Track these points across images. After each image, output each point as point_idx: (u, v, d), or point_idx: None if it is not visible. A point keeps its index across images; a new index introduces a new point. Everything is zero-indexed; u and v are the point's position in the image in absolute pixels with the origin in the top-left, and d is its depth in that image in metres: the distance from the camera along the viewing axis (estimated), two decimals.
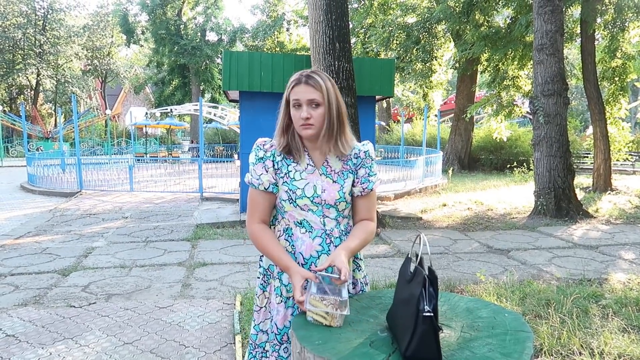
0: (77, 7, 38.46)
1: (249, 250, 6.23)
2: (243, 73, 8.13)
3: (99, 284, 4.77)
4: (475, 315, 1.62)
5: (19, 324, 3.65)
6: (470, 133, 18.99)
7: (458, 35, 16.27)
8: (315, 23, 7.43)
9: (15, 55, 35.92)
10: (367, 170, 1.82)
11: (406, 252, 6.09)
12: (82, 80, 39.81)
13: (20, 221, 8.29)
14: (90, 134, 35.00)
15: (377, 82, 8.62)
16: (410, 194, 11.75)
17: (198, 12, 32.13)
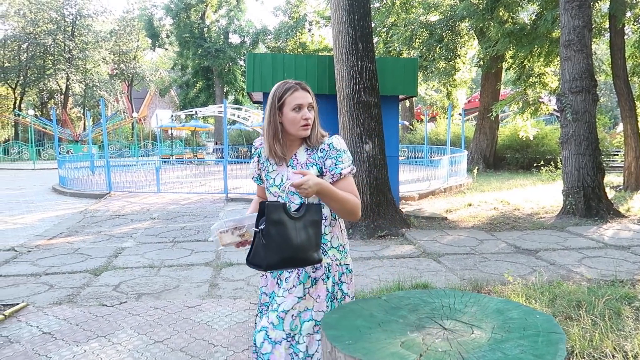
0: (104, 12, 39.31)
1: None
2: (266, 75, 8.21)
3: (129, 283, 4.89)
4: (505, 317, 1.61)
5: (54, 322, 3.77)
6: (495, 131, 18.71)
7: (482, 32, 16.07)
8: (337, 23, 7.45)
9: (46, 61, 36.96)
10: (334, 160, 2.01)
11: (432, 252, 6.06)
12: (109, 84, 40.71)
13: (53, 222, 8.53)
14: (117, 137, 35.75)
15: (400, 82, 8.59)
16: (435, 194, 11.66)
17: (221, 15, 32.52)
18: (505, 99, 15.36)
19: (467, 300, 1.75)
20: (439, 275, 5.09)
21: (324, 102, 8.50)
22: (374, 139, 7.38)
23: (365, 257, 5.94)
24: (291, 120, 1.99)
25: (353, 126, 7.34)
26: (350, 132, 7.38)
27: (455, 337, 1.44)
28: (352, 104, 7.35)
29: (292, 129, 2.00)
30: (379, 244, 6.68)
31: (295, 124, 1.99)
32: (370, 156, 7.33)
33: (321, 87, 8.34)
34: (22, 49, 36.84)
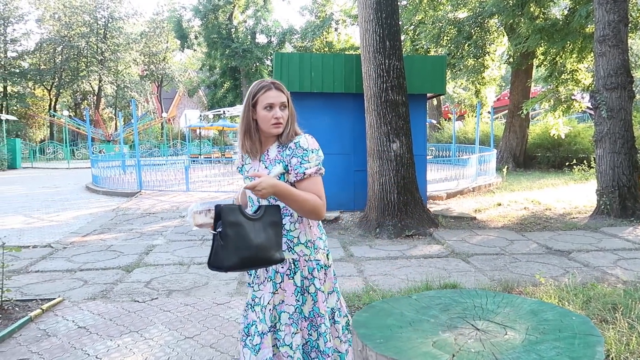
0: (134, 15, 40.21)
1: None
2: (293, 74, 8.24)
3: (160, 280, 4.98)
4: (540, 318, 1.58)
5: (89, 317, 3.88)
6: (525, 130, 18.31)
7: (512, 28, 15.74)
8: (365, 22, 7.42)
9: (80, 63, 38.01)
10: (299, 159, 2.05)
11: (461, 252, 5.98)
12: (139, 85, 41.59)
13: (87, 220, 8.77)
14: (147, 137, 36.47)
15: (428, 80, 8.51)
16: (463, 193, 11.49)
17: (248, 15, 32.79)
18: (536, 96, 15.01)
19: (500, 301, 1.72)
20: (468, 275, 5.02)
21: (351, 100, 8.52)
22: (401, 137, 7.33)
23: (392, 256, 5.91)
24: (263, 118, 2.07)
25: (380, 125, 7.30)
26: (377, 131, 7.35)
27: (488, 338, 1.42)
28: (379, 102, 7.31)
29: (264, 126, 2.09)
30: (406, 243, 6.64)
31: (266, 121, 2.07)
32: (398, 155, 7.28)
33: (348, 86, 8.33)
34: (57, 51, 37.99)
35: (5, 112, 34.06)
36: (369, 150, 7.57)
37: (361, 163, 8.46)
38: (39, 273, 5.34)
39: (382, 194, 7.32)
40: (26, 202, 11.44)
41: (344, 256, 5.94)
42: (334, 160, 8.58)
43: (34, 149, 30.37)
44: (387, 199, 7.28)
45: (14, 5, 35.63)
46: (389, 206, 7.27)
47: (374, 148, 7.43)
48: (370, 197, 7.61)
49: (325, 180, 7.23)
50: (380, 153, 7.33)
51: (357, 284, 4.76)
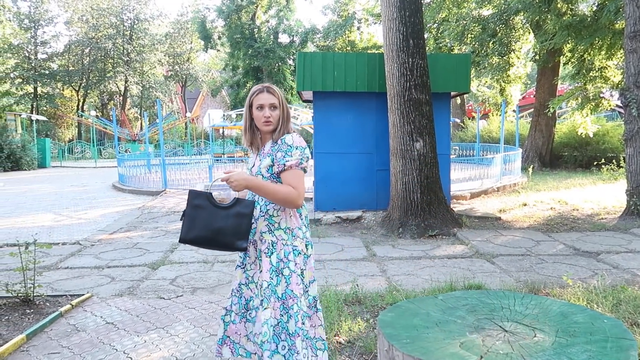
0: (159, 16, 40.80)
1: (324, 248, 6.32)
2: (316, 73, 8.25)
3: (184, 277, 5.06)
4: (570, 320, 1.55)
5: (116, 313, 3.96)
6: (552, 128, 17.94)
7: (538, 25, 15.45)
8: (388, 20, 7.38)
9: (106, 64, 38.79)
10: (283, 153, 2.35)
11: (486, 252, 5.91)
12: (164, 85, 42.21)
13: (114, 218, 8.95)
14: (172, 136, 37.01)
15: (452, 78, 8.41)
16: (487, 193, 11.34)
17: (271, 15, 32.97)
18: (563, 94, 14.72)
19: (528, 303, 1.69)
20: (493, 276, 4.96)
21: (374, 99, 8.49)
22: (424, 136, 7.27)
23: (415, 256, 5.87)
24: (256, 117, 2.41)
25: (403, 124, 7.26)
26: (400, 130, 7.30)
27: (517, 340, 1.39)
28: (402, 101, 7.27)
29: (258, 124, 2.42)
30: (429, 243, 6.58)
31: (258, 120, 2.40)
32: (421, 154, 7.23)
33: (371, 85, 8.30)
34: (85, 53, 38.86)
35: (36, 113, 35.01)
36: (392, 150, 7.53)
37: (384, 162, 8.42)
38: (68, 269, 5.48)
39: (405, 193, 7.27)
40: (56, 200, 11.74)
41: (366, 256, 5.92)
42: (356, 160, 8.57)
43: (63, 149, 31.13)
44: (410, 198, 7.23)
45: (44, 8, 36.57)
46: (412, 206, 7.22)
47: (397, 147, 7.39)
48: (393, 197, 7.57)
49: (348, 179, 7.26)
50: (403, 152, 7.28)
51: (380, 284, 4.74)
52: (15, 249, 4.15)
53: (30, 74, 35.74)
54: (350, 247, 6.40)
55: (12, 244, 6.72)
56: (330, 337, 3.36)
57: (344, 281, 4.83)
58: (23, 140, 23.64)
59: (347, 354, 3.15)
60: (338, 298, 4.10)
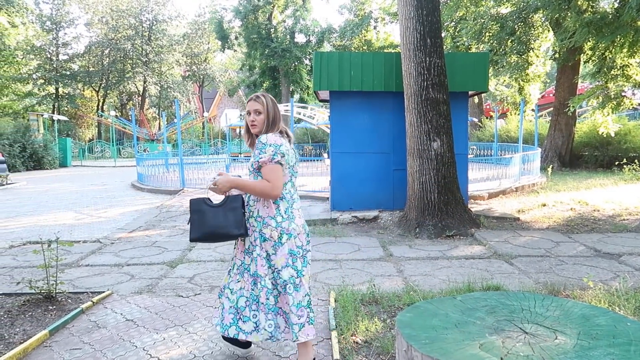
0: (177, 17, 41.21)
1: (340, 247, 6.32)
2: (333, 73, 8.25)
3: (202, 276, 5.11)
4: (592, 323, 1.53)
5: (136, 310, 4.01)
6: (571, 128, 17.66)
7: (557, 23, 15.20)
8: (405, 19, 7.35)
9: (125, 65, 39.33)
10: (258, 150, 2.78)
11: (504, 253, 5.85)
12: (182, 85, 42.64)
13: (132, 216, 9.07)
14: (189, 136, 37.36)
15: (470, 77, 8.33)
16: (506, 193, 11.20)
17: (287, 15, 33.04)
18: (583, 93, 14.45)
19: (549, 304, 1.67)
20: (512, 277, 4.90)
21: (391, 99, 8.46)
22: (442, 136, 7.22)
23: (432, 256, 5.84)
24: (247, 121, 2.92)
25: (420, 123, 7.22)
26: (417, 130, 7.27)
27: (538, 342, 1.38)
28: (419, 100, 7.23)
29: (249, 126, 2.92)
30: (447, 243, 6.54)
31: (248, 123, 2.91)
32: (438, 154, 7.18)
33: (388, 85, 8.27)
34: (105, 54, 39.47)
35: (57, 113, 35.67)
36: (409, 149, 7.50)
37: (400, 162, 8.39)
38: (89, 267, 5.57)
39: (422, 193, 7.24)
40: (76, 199, 11.95)
41: (383, 255, 5.91)
42: (372, 159, 8.55)
43: (83, 148, 31.67)
44: (427, 198, 7.19)
45: (65, 10, 37.23)
46: (429, 206, 7.18)
47: (414, 147, 7.35)
48: (410, 197, 7.54)
49: (364, 179, 7.27)
50: (420, 152, 7.25)
51: (396, 284, 4.73)
52: (38, 247, 4.24)
53: (51, 74, 36.44)
54: (367, 247, 6.39)
55: (35, 241, 6.87)
56: (347, 337, 3.36)
57: (361, 281, 4.83)
58: (45, 139, 24.11)
59: (364, 354, 3.15)
60: (355, 298, 4.10)
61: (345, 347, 3.23)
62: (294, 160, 2.90)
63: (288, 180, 2.89)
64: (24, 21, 31.10)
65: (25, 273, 5.28)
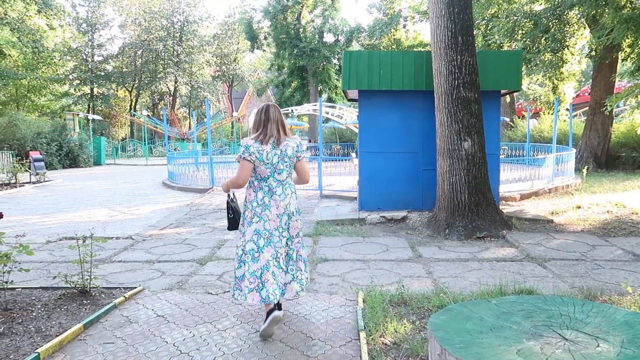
0: (207, 18, 41.76)
1: (368, 247, 6.28)
2: (362, 72, 8.20)
3: (231, 274, 5.14)
4: (636, 330, 1.46)
5: (167, 306, 4.07)
6: (608, 128, 17.09)
7: (594, 20, 14.74)
8: (436, 17, 7.25)
9: (157, 65, 40.12)
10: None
11: (537, 256, 5.70)
12: (212, 85, 43.20)
13: (163, 214, 9.24)
14: (218, 135, 37.84)
15: (503, 76, 8.15)
16: (538, 195, 10.93)
17: (316, 15, 33.07)
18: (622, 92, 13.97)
19: (589, 310, 1.61)
20: (546, 281, 4.77)
21: (420, 98, 8.36)
22: (473, 136, 7.09)
23: (463, 258, 5.73)
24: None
25: (451, 123, 7.11)
26: (448, 129, 7.16)
27: (578, 349, 1.33)
28: (450, 99, 7.12)
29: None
30: (477, 245, 6.41)
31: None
32: (469, 154, 7.05)
33: (417, 84, 8.17)
34: (137, 55, 40.35)
35: (92, 112, 36.66)
36: (439, 149, 7.39)
37: (430, 162, 8.28)
38: (121, 263, 5.69)
39: (452, 193, 7.12)
40: (110, 196, 12.25)
41: (412, 256, 5.84)
42: (402, 159, 8.47)
43: (116, 147, 32.43)
44: (458, 199, 7.07)
45: (100, 12, 38.23)
46: (459, 206, 7.06)
47: (444, 147, 7.24)
48: (439, 197, 7.43)
49: (393, 179, 7.25)
50: (450, 152, 7.13)
51: (426, 285, 4.66)
52: (74, 242, 4.35)
53: (87, 75, 37.47)
54: (395, 247, 6.33)
55: (71, 237, 7.06)
56: (375, 338, 3.33)
57: (389, 282, 4.78)
58: (80, 138, 24.83)
59: (393, 356, 3.11)
60: (383, 298, 4.06)
61: (374, 348, 3.20)
62: (274, 160, 3.45)
63: (269, 176, 3.50)
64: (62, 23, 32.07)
65: (61, 268, 5.43)
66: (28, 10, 24.44)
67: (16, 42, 26.35)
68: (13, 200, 11.74)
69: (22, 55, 29.36)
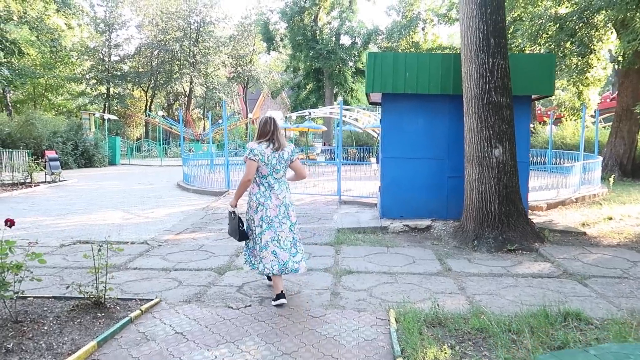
0: (224, 19, 41.75)
1: (393, 258, 5.98)
2: (387, 74, 7.91)
3: (251, 285, 4.88)
4: None
5: (185, 322, 3.82)
6: (634, 135, 16.57)
7: (623, 24, 14.28)
8: (467, 18, 6.93)
9: (173, 66, 40.17)
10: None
11: (575, 272, 5.35)
12: (227, 87, 43.15)
13: (179, 217, 9.02)
14: (233, 136, 37.75)
15: (534, 80, 7.80)
16: (565, 204, 10.52)
17: (333, 17, 32.84)
18: None
19: None
20: (590, 301, 4.42)
21: (447, 102, 8.04)
22: (504, 143, 6.75)
23: (495, 273, 5.40)
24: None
25: (481, 129, 6.78)
26: (477, 135, 6.83)
27: None
28: (480, 104, 6.79)
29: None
30: (509, 258, 6.07)
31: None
32: (500, 162, 6.72)
33: (444, 87, 7.85)
34: (154, 55, 40.47)
35: (108, 112, 36.81)
36: (467, 156, 7.06)
37: (455, 169, 7.96)
38: (137, 270, 5.46)
39: (481, 203, 6.79)
40: (124, 197, 12.09)
41: (440, 270, 5.52)
42: (426, 165, 8.15)
43: (131, 147, 32.48)
44: (487, 208, 6.73)
45: (118, 12, 38.42)
46: (488, 217, 6.72)
47: (473, 154, 6.91)
48: (467, 206, 7.09)
49: (416, 186, 6.94)
50: (480, 159, 6.80)
51: (460, 304, 4.35)
52: (88, 247, 4.12)
53: (103, 75, 37.66)
54: (422, 259, 6.02)
55: (85, 240, 6.88)
56: None
57: (420, 298, 4.48)
58: (96, 138, 24.84)
59: None
60: (417, 318, 3.77)
61: None
62: (273, 161, 4.24)
63: (268, 174, 4.29)
64: (80, 23, 32.25)
65: (74, 274, 5.21)
66: (47, 10, 24.55)
67: (35, 41, 26.49)
68: (28, 200, 11.64)
69: (41, 54, 29.54)
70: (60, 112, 35.64)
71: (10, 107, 27.81)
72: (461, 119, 7.39)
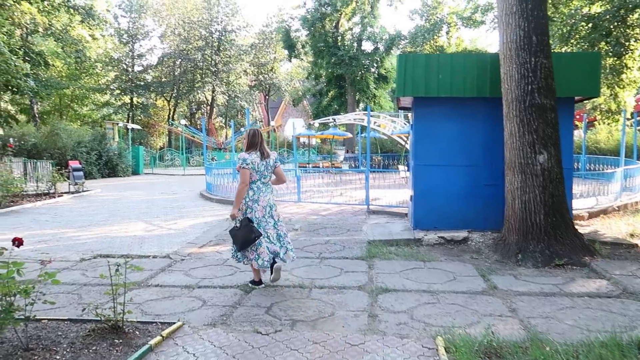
0: (245, 27, 41.86)
1: (431, 274, 5.53)
2: (419, 77, 7.49)
3: (280, 305, 4.50)
4: None
5: (210, 350, 3.45)
6: None
7: None
8: (506, 15, 6.49)
9: (195, 75, 40.39)
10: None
11: (635, 291, 4.83)
12: (248, 95, 43.19)
13: (202, 229, 8.72)
14: None
15: (578, 80, 7.28)
16: (607, 213, 9.87)
17: (355, 23, 32.53)
18: None
19: None
20: None
21: (482, 106, 7.56)
22: (549, 148, 6.25)
23: (547, 292, 4.90)
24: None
25: (524, 133, 6.29)
26: (519, 140, 6.34)
27: None
28: (522, 107, 6.31)
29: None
30: (559, 275, 5.55)
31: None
32: (545, 169, 6.21)
33: (480, 89, 7.40)
34: (176, 65, 40.78)
35: (131, 122, 37.13)
36: (508, 163, 6.58)
37: (493, 176, 7.47)
38: (158, 287, 5.14)
39: (525, 213, 6.28)
40: (147, 207, 11.88)
41: (485, 288, 5.04)
42: (461, 173, 7.68)
43: (154, 156, 32.61)
44: (531, 219, 6.23)
45: (141, 23, 38.88)
46: (533, 228, 6.22)
47: (514, 160, 6.43)
48: (508, 217, 6.60)
49: (451, 195, 6.43)
50: (523, 166, 6.31)
51: (514, 329, 3.88)
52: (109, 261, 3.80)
53: (127, 85, 38.06)
54: (463, 275, 5.55)
55: (106, 254, 6.62)
56: None
57: (468, 322, 4.03)
58: (119, 147, 24.93)
59: None
60: (471, 347, 3.33)
61: None
62: (262, 168, 4.87)
63: (258, 179, 4.89)
64: (103, 34, 32.65)
65: (93, 292, 4.92)
66: (72, 21, 24.85)
67: (60, 53, 26.83)
68: (51, 211, 11.52)
69: (66, 66, 29.94)
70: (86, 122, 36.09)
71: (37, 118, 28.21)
72: (498, 124, 6.92)
